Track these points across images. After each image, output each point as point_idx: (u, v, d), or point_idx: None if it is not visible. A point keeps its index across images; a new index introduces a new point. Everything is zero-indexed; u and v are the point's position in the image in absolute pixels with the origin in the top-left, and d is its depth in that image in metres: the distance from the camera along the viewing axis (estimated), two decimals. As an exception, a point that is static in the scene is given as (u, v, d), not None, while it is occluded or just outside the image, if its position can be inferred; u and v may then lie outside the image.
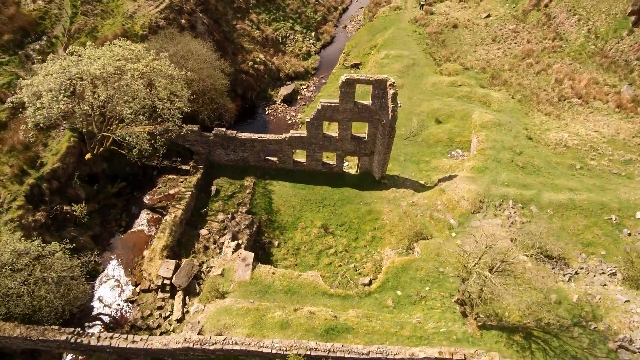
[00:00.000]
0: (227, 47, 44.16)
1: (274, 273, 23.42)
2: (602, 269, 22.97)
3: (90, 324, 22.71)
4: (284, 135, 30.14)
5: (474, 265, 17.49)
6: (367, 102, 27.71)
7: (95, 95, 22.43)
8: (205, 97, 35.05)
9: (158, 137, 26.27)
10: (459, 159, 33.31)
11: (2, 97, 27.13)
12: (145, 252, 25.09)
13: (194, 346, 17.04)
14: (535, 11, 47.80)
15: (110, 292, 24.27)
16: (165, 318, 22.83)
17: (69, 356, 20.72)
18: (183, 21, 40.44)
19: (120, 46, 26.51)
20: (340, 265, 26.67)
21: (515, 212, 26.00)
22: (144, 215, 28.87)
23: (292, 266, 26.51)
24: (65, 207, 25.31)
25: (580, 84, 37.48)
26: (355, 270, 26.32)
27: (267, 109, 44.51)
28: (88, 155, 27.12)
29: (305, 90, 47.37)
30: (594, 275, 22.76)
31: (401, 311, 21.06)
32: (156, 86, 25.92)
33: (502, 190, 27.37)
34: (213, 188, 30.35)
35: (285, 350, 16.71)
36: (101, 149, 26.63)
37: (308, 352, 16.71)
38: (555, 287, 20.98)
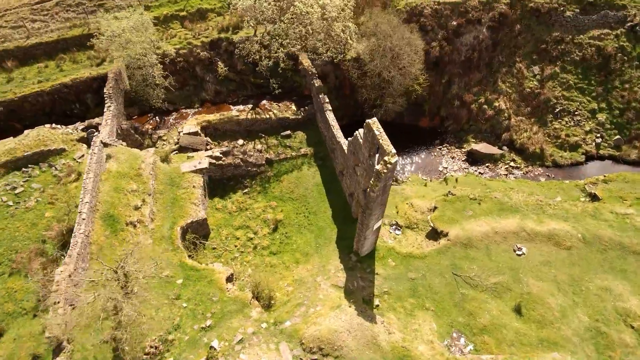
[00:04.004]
0: (473, 70, 39.79)
1: (194, 187, 27.27)
2: None
3: (150, 117, 34.53)
4: (342, 139, 28.87)
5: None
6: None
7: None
8: (372, 80, 35.77)
9: (266, 62, 31.71)
10: (454, 353, 21.82)
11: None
12: (200, 117, 33.51)
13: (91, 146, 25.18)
14: None
15: (175, 117, 35.02)
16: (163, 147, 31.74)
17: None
18: (454, 22, 38.98)
19: None
20: (237, 246, 26.90)
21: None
22: (247, 107, 36.59)
23: (226, 210, 28.95)
24: (218, 63, 36.19)
25: None
26: (232, 260, 26.10)
27: (444, 146, 39.41)
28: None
29: (505, 166, 37.64)
30: None
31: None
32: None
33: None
34: (289, 132, 34.03)
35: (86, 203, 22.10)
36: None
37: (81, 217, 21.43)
38: None
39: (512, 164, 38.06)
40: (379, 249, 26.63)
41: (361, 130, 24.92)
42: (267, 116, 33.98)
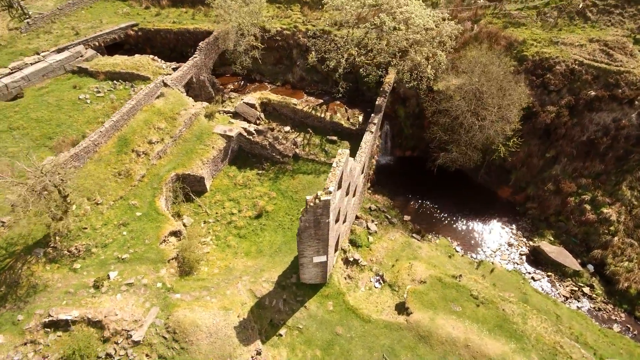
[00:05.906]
0: (593, 157, 30.77)
1: (213, 148, 29.57)
2: None
3: (238, 79, 38.07)
4: (367, 158, 26.72)
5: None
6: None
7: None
8: (445, 120, 31.35)
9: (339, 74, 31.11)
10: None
11: None
12: (265, 93, 35.31)
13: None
14: None
15: (255, 87, 37.71)
16: (224, 107, 35.05)
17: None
18: (592, 92, 30.37)
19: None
20: (217, 214, 28.30)
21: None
22: (318, 101, 36.74)
23: (234, 180, 30.52)
24: (312, 52, 37.12)
25: None
26: (203, 223, 27.65)
27: (510, 227, 32.20)
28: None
29: (574, 287, 28.75)
30: None
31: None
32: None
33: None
34: (335, 138, 33.20)
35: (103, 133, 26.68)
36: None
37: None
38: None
39: (585, 289, 28.82)
40: (331, 286, 24.40)
41: (351, 160, 22.87)
42: (322, 116, 33.67)
